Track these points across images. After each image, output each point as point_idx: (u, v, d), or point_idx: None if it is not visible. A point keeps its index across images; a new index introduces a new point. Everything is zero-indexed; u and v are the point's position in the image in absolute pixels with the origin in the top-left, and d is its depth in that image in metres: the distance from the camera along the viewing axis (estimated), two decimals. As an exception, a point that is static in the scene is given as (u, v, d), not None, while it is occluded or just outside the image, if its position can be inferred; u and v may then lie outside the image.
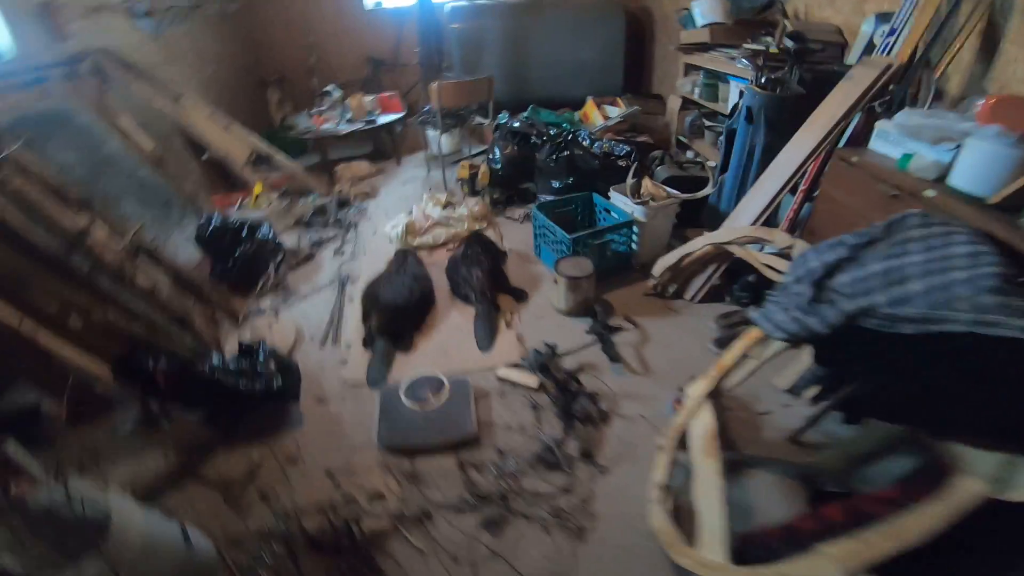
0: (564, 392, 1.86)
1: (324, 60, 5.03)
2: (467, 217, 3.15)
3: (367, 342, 2.24)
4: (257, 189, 3.29)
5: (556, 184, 3.07)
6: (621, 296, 2.47)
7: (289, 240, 3.12)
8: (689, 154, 3.52)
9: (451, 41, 4.56)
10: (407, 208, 3.42)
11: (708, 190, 2.72)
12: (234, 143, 3.46)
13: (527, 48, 4.52)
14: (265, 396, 1.81)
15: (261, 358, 1.89)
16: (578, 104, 4.25)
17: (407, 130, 4.68)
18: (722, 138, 2.76)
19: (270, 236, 2.83)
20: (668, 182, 2.80)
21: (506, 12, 4.49)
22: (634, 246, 2.64)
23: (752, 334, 1.61)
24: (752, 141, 2.38)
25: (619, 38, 4.52)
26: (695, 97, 3.50)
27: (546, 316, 2.39)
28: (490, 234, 3.02)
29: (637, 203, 2.52)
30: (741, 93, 2.55)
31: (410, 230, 3.03)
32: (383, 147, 4.56)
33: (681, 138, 3.75)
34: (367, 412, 1.88)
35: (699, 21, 3.18)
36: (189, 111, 3.26)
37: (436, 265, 2.75)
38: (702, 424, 1.49)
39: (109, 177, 2.57)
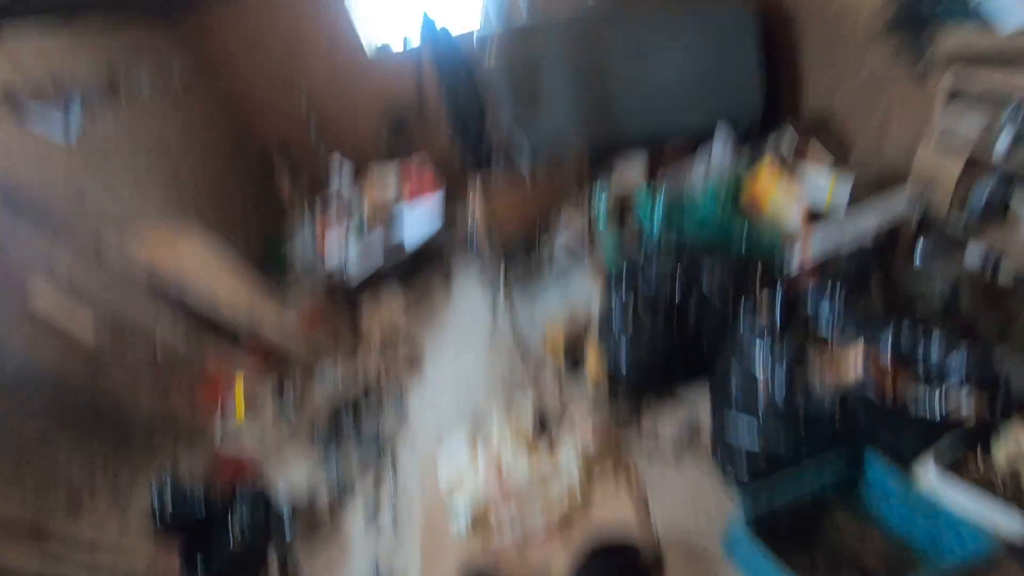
0: None
1: (326, 127, 3.75)
2: (573, 470, 1.66)
3: None
4: (239, 389, 2.07)
5: (762, 429, 1.39)
6: None
7: (295, 482, 1.92)
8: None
9: (491, 87, 2.80)
10: (472, 405, 1.98)
11: None
12: (229, 282, 2.22)
13: (609, 74, 2.76)
14: None
15: None
16: (704, 133, 2.50)
17: (455, 232, 3.15)
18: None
19: (263, 508, 1.73)
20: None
21: (563, 33, 2.71)
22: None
23: None
24: None
25: (747, 33, 2.59)
26: (992, 154, 1.53)
27: None
28: (618, 506, 1.59)
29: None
30: None
31: (479, 519, 1.62)
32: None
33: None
34: None
35: (1015, 15, 1.45)
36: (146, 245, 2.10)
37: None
38: None
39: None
